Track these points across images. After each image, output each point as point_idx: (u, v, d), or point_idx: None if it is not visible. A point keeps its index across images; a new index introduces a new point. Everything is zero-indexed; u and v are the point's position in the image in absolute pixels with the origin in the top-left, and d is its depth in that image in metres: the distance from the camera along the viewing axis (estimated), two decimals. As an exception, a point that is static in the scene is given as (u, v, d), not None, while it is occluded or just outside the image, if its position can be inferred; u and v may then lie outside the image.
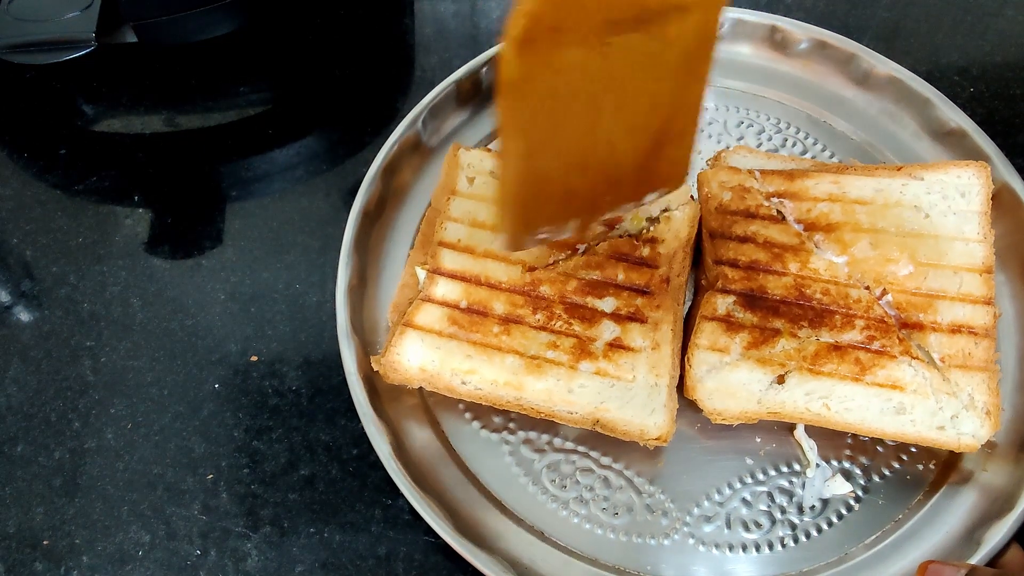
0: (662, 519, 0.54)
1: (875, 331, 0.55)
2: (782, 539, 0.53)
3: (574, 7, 0.41)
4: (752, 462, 0.55)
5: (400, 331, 0.56)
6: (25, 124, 0.75)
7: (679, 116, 0.51)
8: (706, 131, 0.70)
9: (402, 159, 0.66)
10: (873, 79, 0.69)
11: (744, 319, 0.55)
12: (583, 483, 0.55)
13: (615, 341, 0.55)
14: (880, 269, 0.57)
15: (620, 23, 0.44)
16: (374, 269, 0.62)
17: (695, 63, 0.49)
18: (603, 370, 0.54)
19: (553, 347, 0.55)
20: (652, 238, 0.59)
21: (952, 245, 0.57)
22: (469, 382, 0.55)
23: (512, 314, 0.56)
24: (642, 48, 0.45)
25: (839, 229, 0.58)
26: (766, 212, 0.59)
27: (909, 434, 0.53)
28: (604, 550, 0.53)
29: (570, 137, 0.47)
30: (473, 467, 0.56)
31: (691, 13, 0.45)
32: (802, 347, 0.54)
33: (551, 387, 0.54)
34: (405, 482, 0.51)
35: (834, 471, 0.55)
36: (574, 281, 0.57)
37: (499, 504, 0.54)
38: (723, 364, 0.54)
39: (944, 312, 0.55)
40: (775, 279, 0.56)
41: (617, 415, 0.53)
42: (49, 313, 0.64)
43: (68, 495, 0.56)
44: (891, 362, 0.54)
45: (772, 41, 0.72)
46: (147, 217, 0.68)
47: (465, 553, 0.50)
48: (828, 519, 0.54)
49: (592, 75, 0.45)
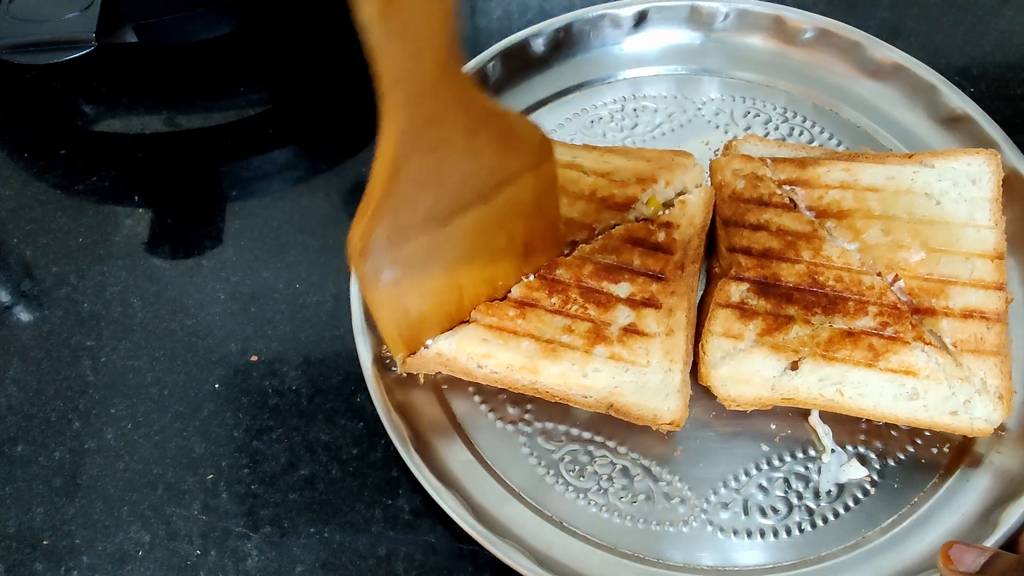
0: (680, 506, 0.54)
1: (888, 317, 0.55)
2: (799, 524, 0.53)
3: (407, 214, 0.46)
4: (768, 448, 0.56)
5: None
6: (25, 124, 0.75)
7: (539, 233, 0.55)
8: (713, 122, 0.70)
9: None
10: (878, 67, 0.70)
11: (758, 306, 0.56)
12: (601, 472, 0.55)
13: (630, 326, 0.55)
14: (892, 255, 0.57)
15: (457, 208, 0.48)
16: None
17: (544, 200, 0.54)
18: (617, 355, 0.54)
19: (568, 331, 0.55)
20: (667, 223, 0.59)
21: (964, 231, 0.58)
22: (485, 366, 0.55)
23: (528, 297, 0.56)
24: (483, 215, 0.50)
25: (851, 216, 0.59)
26: (779, 200, 0.60)
27: (922, 419, 0.53)
28: (622, 538, 0.53)
29: (433, 292, 0.52)
30: (490, 458, 0.56)
31: (525, 175, 0.50)
32: (815, 333, 0.55)
33: (566, 371, 0.54)
34: (424, 475, 0.52)
35: (849, 456, 0.55)
36: (590, 265, 0.57)
37: (517, 495, 0.54)
38: (737, 351, 0.55)
39: (956, 298, 0.56)
40: (788, 267, 0.57)
41: (631, 399, 0.53)
42: (49, 313, 0.64)
43: (68, 495, 0.56)
44: (904, 348, 0.54)
45: (777, 31, 0.73)
46: (147, 217, 0.68)
47: (486, 543, 0.50)
48: (845, 503, 0.54)
49: (440, 247, 0.49)
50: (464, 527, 0.50)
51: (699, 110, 0.71)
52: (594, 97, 0.72)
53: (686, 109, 0.71)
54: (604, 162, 0.61)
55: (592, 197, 0.59)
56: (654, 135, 0.70)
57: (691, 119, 0.70)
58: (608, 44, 0.74)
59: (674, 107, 0.71)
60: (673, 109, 0.71)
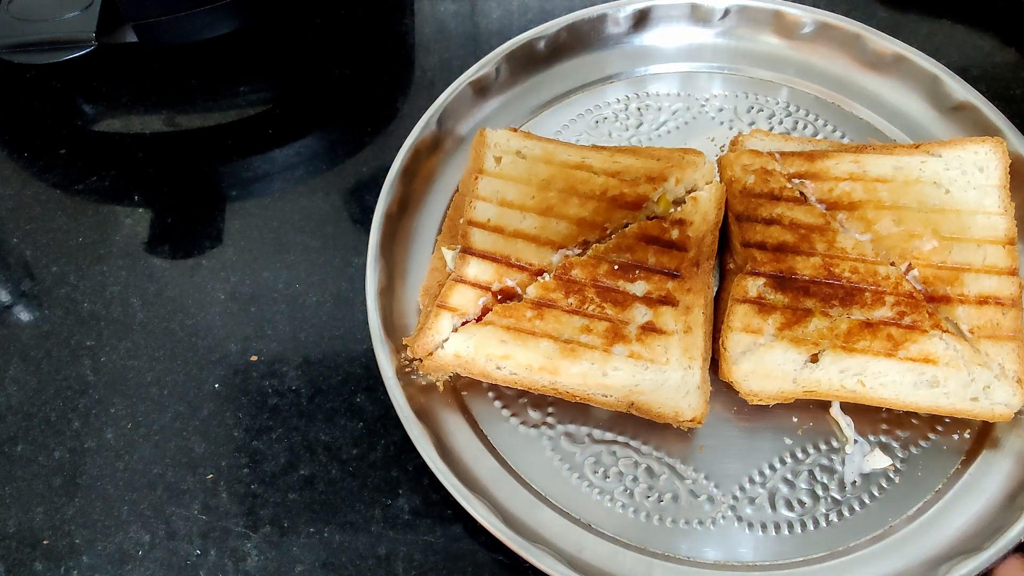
0: (707, 504, 0.54)
1: (905, 307, 0.55)
2: (826, 515, 0.53)
3: None
4: (790, 441, 0.56)
5: (435, 312, 0.56)
6: (25, 124, 0.75)
7: None
8: (717, 118, 0.70)
9: (419, 159, 0.66)
10: (879, 59, 0.70)
11: (776, 300, 0.56)
12: (626, 473, 0.55)
13: (648, 324, 0.55)
14: (904, 245, 0.57)
15: None
16: (400, 270, 0.63)
17: None
18: (637, 353, 0.54)
19: (586, 331, 0.55)
20: (680, 220, 0.59)
21: (974, 219, 0.58)
22: (504, 367, 0.55)
23: (545, 298, 0.56)
24: None
25: (862, 207, 0.59)
26: (789, 194, 0.60)
27: (943, 406, 0.54)
28: (652, 537, 0.53)
29: None
30: (516, 464, 0.56)
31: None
32: (834, 325, 0.55)
33: (586, 371, 0.54)
34: (453, 483, 0.51)
35: (872, 445, 0.56)
36: (605, 265, 0.57)
37: (544, 499, 0.54)
38: (757, 345, 0.55)
39: (970, 284, 0.56)
40: (803, 260, 0.57)
41: (652, 398, 0.54)
42: (49, 313, 0.64)
43: (68, 495, 0.56)
44: (922, 336, 0.54)
45: (777, 26, 0.73)
46: (147, 217, 0.68)
47: (520, 550, 0.49)
48: (870, 493, 0.54)
49: None
50: (498, 535, 0.50)
51: (703, 107, 0.71)
52: (597, 97, 0.72)
53: (690, 106, 0.71)
54: (614, 162, 0.61)
55: (603, 197, 0.59)
56: (659, 133, 0.70)
57: (695, 116, 0.71)
58: (610, 44, 0.74)
59: (678, 104, 0.71)
60: (677, 107, 0.71)
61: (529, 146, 0.62)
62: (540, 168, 0.61)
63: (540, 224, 0.58)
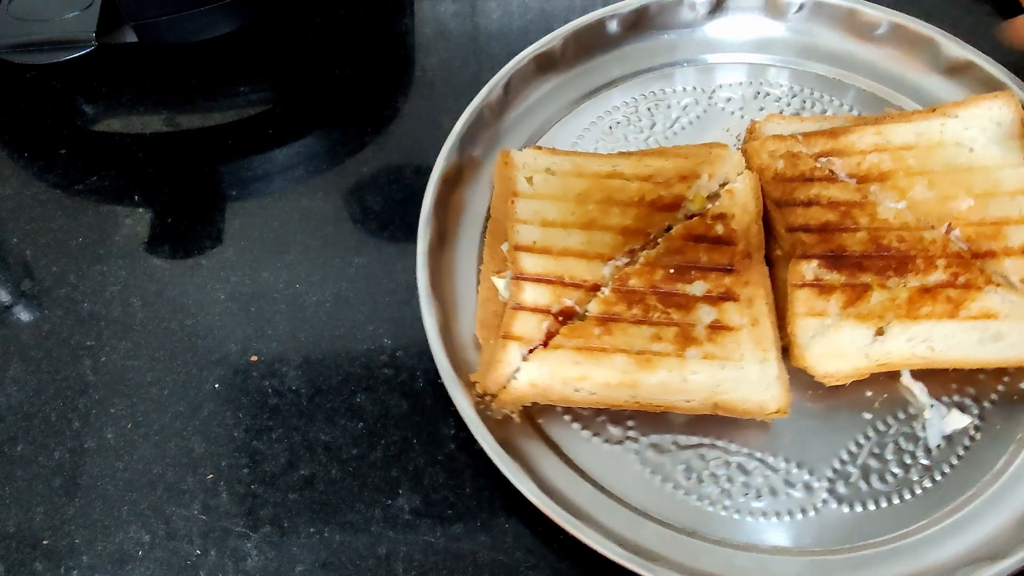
0: (802, 491, 0.54)
1: (957, 267, 0.55)
2: (920, 482, 0.54)
3: None
4: (870, 416, 0.56)
5: (500, 344, 0.54)
6: (25, 124, 0.75)
7: None
8: (727, 108, 0.70)
9: (451, 185, 0.64)
10: (874, 29, 0.71)
11: (833, 280, 0.56)
12: (719, 474, 0.54)
13: (715, 323, 0.55)
14: (941, 208, 0.57)
15: None
16: (450, 301, 0.60)
17: None
18: (710, 353, 0.54)
19: (657, 339, 0.54)
20: (721, 214, 0.59)
21: (1003, 173, 0.58)
22: (582, 388, 0.53)
23: (608, 312, 0.55)
24: None
25: (892, 177, 0.59)
26: (820, 173, 0.60)
27: (1010, 358, 0.54)
28: (761, 535, 0.52)
29: None
30: (607, 483, 0.54)
31: None
32: (895, 296, 0.55)
33: (665, 379, 0.53)
34: (566, 517, 0.50)
35: (948, 407, 0.56)
36: (660, 270, 0.56)
37: (644, 513, 0.53)
38: (825, 327, 0.55)
39: (1013, 236, 0.56)
40: (851, 236, 0.57)
41: (734, 395, 0.53)
42: (49, 313, 0.64)
43: (68, 495, 0.56)
44: (979, 293, 0.55)
45: (769, 8, 0.73)
46: (147, 217, 0.68)
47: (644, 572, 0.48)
48: (956, 453, 0.54)
49: None
50: (619, 560, 0.48)
51: (711, 99, 0.71)
52: (604, 103, 0.71)
53: (698, 100, 0.71)
54: (644, 165, 0.61)
55: (641, 202, 0.59)
56: (675, 131, 0.69)
57: (706, 109, 0.70)
58: (608, 48, 0.73)
59: (686, 100, 0.71)
60: (686, 102, 0.71)
61: (558, 162, 0.62)
62: (573, 182, 0.61)
63: (586, 238, 0.58)
